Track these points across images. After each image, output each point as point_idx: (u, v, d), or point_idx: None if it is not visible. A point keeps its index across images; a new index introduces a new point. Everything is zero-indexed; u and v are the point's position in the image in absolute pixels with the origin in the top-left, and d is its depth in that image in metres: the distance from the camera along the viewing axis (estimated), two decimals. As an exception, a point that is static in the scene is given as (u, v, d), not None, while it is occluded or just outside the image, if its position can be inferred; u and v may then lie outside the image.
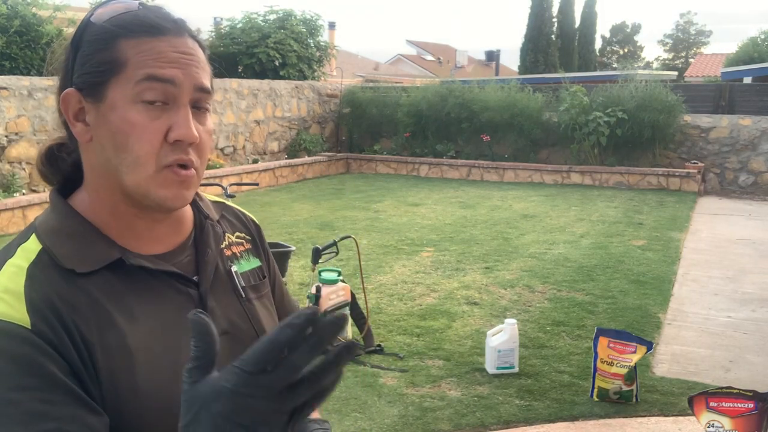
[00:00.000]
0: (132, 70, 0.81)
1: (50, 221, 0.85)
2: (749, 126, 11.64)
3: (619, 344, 3.65)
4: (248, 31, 14.53)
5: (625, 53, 50.47)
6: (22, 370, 0.73)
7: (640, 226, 8.36)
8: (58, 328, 0.77)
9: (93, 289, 0.81)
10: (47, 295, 0.78)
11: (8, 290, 0.77)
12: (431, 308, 5.09)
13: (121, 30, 0.82)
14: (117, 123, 0.81)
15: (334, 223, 8.35)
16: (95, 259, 0.83)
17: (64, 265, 0.81)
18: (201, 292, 0.90)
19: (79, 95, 0.83)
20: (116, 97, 0.81)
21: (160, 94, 0.81)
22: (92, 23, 0.84)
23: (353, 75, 24.26)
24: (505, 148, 12.85)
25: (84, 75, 0.83)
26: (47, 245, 0.82)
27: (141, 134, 0.81)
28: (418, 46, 40.55)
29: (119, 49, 0.81)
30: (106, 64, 0.82)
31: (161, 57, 0.81)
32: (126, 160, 0.81)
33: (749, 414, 2.69)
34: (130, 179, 0.82)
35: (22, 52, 10.28)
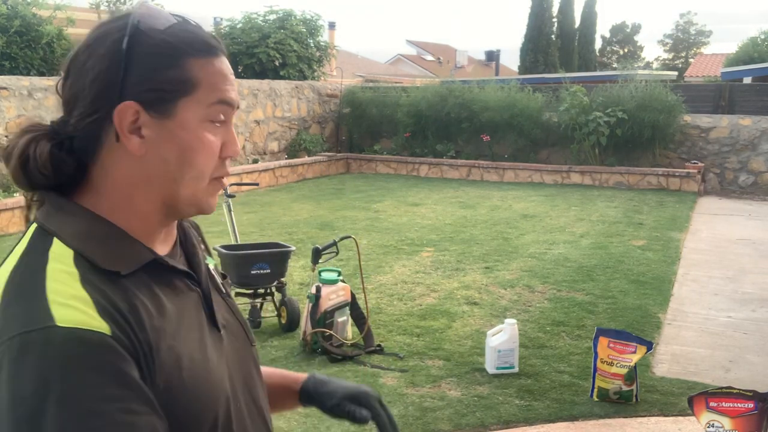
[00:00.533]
0: (205, 93, 0.84)
1: (72, 225, 0.82)
2: (749, 126, 11.64)
3: (619, 344, 3.65)
4: (248, 31, 14.53)
5: (625, 53, 50.46)
6: (107, 380, 0.73)
7: (640, 226, 8.36)
8: (128, 332, 0.77)
9: (134, 288, 0.81)
10: (110, 299, 0.77)
11: (73, 296, 0.75)
12: (431, 308, 5.10)
13: (187, 47, 0.84)
14: (189, 141, 0.84)
15: (334, 223, 8.35)
16: (133, 260, 0.83)
17: (107, 267, 0.80)
18: (204, 290, 0.93)
19: (138, 108, 0.82)
20: (188, 116, 0.84)
21: (225, 115, 0.87)
22: (146, 34, 0.82)
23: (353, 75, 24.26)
24: (505, 148, 12.85)
25: (151, 91, 0.82)
26: (81, 249, 0.80)
27: (208, 152, 0.86)
28: (418, 46, 40.54)
29: (188, 68, 0.84)
30: (179, 84, 0.83)
31: (225, 80, 0.87)
32: (190, 174, 0.85)
33: (749, 414, 2.69)
34: (187, 191, 0.86)
35: (22, 52, 10.28)
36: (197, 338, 0.87)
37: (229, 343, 0.94)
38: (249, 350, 0.99)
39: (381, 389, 3.73)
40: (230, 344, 0.94)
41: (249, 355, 0.99)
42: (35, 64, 10.48)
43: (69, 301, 0.75)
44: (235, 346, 0.95)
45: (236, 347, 0.95)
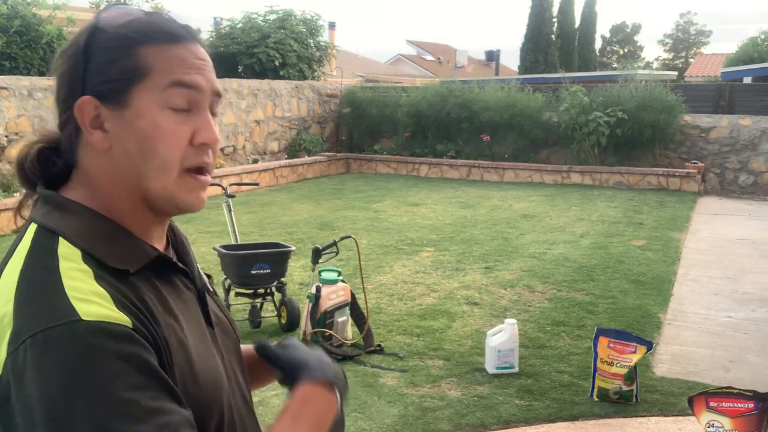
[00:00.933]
0: (158, 77, 0.82)
1: (76, 224, 0.83)
2: (749, 126, 11.64)
3: (619, 344, 3.65)
4: (248, 31, 14.53)
5: (625, 53, 50.47)
6: (134, 370, 0.74)
7: (640, 226, 8.36)
8: (148, 325, 0.78)
9: (142, 286, 0.82)
10: (125, 294, 0.79)
11: (92, 292, 0.76)
12: (431, 308, 5.09)
13: (140, 37, 0.83)
14: (146, 129, 0.82)
15: (334, 223, 8.35)
16: (139, 258, 0.84)
17: (116, 266, 0.81)
18: (199, 289, 0.94)
19: (96, 102, 0.83)
20: (143, 103, 0.82)
21: (185, 99, 0.83)
22: (103, 30, 0.84)
23: (353, 75, 24.26)
24: (505, 148, 12.85)
25: (104, 83, 0.83)
26: (87, 248, 0.81)
27: (170, 139, 0.83)
28: (418, 46, 40.54)
29: (141, 56, 0.82)
30: (130, 72, 0.82)
31: (185, 63, 0.84)
32: (154, 165, 0.83)
33: (749, 414, 2.69)
34: (156, 184, 0.84)
35: (22, 52, 10.28)
36: (199, 335, 0.88)
37: (221, 340, 0.96)
38: (237, 347, 1.02)
39: (381, 389, 3.73)
40: (222, 342, 0.96)
41: (235, 351, 1.01)
42: (35, 64, 10.48)
43: (89, 297, 0.75)
44: (225, 344, 0.97)
45: (226, 345, 0.97)
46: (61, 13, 11.09)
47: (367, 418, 3.41)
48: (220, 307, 1.01)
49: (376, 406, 3.54)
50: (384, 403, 3.57)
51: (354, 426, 3.33)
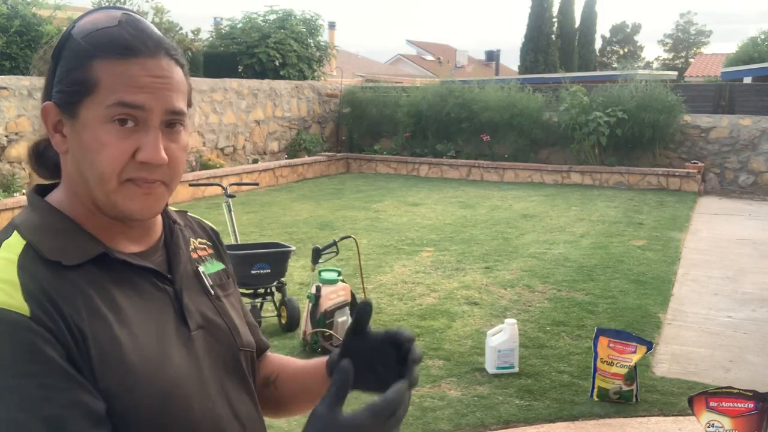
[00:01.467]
0: (104, 94, 0.83)
1: (32, 218, 0.88)
2: (749, 126, 11.64)
3: (619, 344, 3.65)
4: (248, 31, 14.53)
5: (625, 53, 50.46)
6: (23, 357, 0.75)
7: (640, 226, 8.36)
8: (54, 315, 0.78)
9: (80, 281, 0.83)
10: (41, 284, 0.80)
11: (3, 279, 0.79)
12: (431, 308, 5.09)
13: (95, 50, 0.84)
14: (88, 141, 0.84)
15: (334, 223, 8.35)
16: (80, 253, 0.85)
17: (50, 258, 0.83)
18: (176, 290, 0.93)
19: (56, 109, 0.87)
20: (88, 116, 0.84)
21: (129, 116, 0.84)
22: (72, 38, 0.86)
23: (353, 75, 24.26)
24: (505, 148, 12.85)
25: (60, 92, 0.86)
26: (31, 240, 0.84)
27: (108, 153, 0.84)
28: (418, 46, 40.54)
29: (92, 70, 0.84)
30: (80, 85, 0.84)
31: (132, 82, 0.83)
32: (93, 176, 0.85)
33: (749, 414, 2.69)
34: (97, 191, 0.86)
35: (22, 52, 10.28)
36: (153, 333, 0.86)
37: (206, 344, 0.93)
38: (234, 354, 0.97)
39: (381, 389, 3.73)
40: (206, 345, 0.93)
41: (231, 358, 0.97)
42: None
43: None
44: (214, 349, 0.94)
45: (215, 349, 0.94)
46: (61, 13, 11.09)
47: (367, 418, 3.40)
48: (220, 312, 0.98)
49: (376, 406, 3.53)
50: (384, 403, 3.57)
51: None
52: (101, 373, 0.80)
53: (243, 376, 0.99)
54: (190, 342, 0.91)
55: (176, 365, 0.87)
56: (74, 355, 0.78)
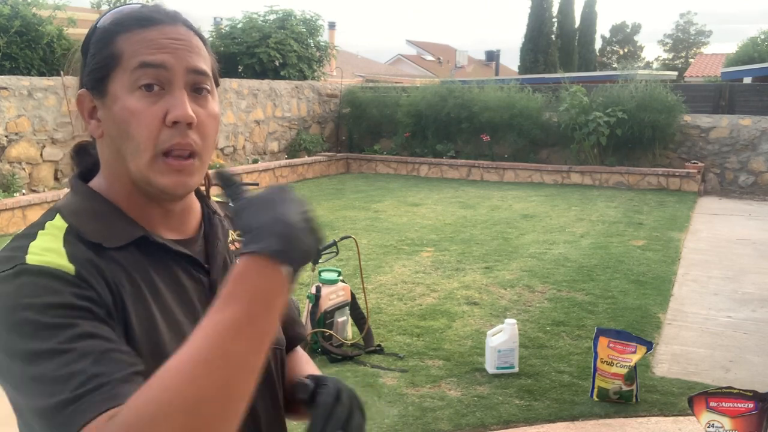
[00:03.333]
0: (127, 61, 0.85)
1: (75, 202, 0.90)
2: (749, 126, 11.64)
3: (619, 344, 3.65)
4: (248, 31, 14.53)
5: (625, 53, 50.47)
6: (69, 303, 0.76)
7: (640, 226, 8.36)
8: (100, 280, 0.80)
9: (122, 261, 0.85)
10: (86, 256, 0.82)
11: (49, 249, 0.81)
12: (431, 308, 5.09)
13: (117, 27, 0.88)
14: (119, 112, 0.86)
15: (334, 223, 8.35)
16: (121, 236, 0.87)
17: (91, 239, 0.85)
18: (212, 280, 0.94)
19: (89, 94, 0.89)
20: (116, 88, 0.86)
21: (153, 78, 0.85)
22: (98, 28, 0.90)
23: (353, 75, 24.26)
24: (505, 148, 12.85)
25: (89, 75, 0.89)
26: (73, 223, 0.86)
27: (140, 119, 0.84)
28: (418, 46, 40.54)
29: (116, 44, 0.87)
30: (106, 59, 0.87)
31: (152, 44, 0.86)
32: (129, 147, 0.86)
33: (749, 414, 2.69)
34: (132, 166, 0.87)
35: (22, 52, 10.27)
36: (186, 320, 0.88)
37: None
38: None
39: (381, 389, 3.73)
40: None
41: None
42: (35, 64, 10.47)
43: (43, 252, 0.80)
44: None
45: None
46: (61, 14, 11.09)
47: (367, 418, 3.40)
48: None
49: (376, 406, 3.54)
50: (384, 403, 3.57)
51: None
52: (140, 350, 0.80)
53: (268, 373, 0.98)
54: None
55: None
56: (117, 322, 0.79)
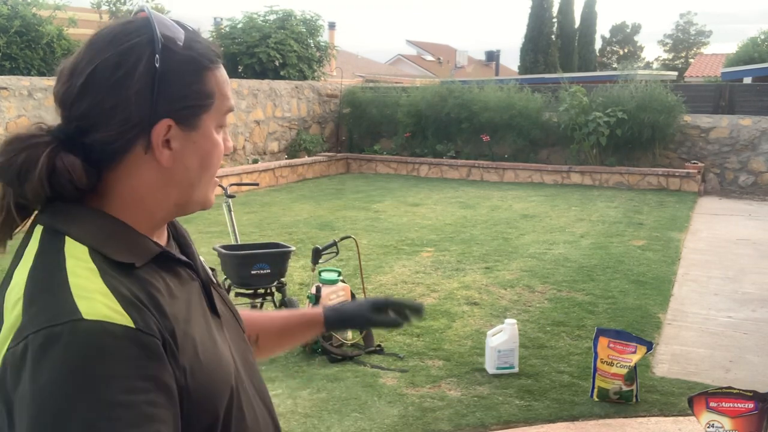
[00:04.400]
0: (219, 102, 0.90)
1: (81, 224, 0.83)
2: (749, 126, 11.64)
3: (619, 344, 3.65)
4: (248, 31, 14.53)
5: (625, 53, 50.46)
6: (133, 372, 0.74)
7: (640, 226, 8.36)
8: (153, 321, 0.79)
9: (150, 279, 0.84)
10: (131, 290, 0.79)
11: (96, 290, 0.77)
12: (431, 308, 5.09)
13: (205, 61, 0.89)
14: (208, 148, 0.90)
15: (334, 223, 8.35)
16: (144, 253, 0.86)
17: (121, 260, 0.82)
18: (203, 280, 0.96)
19: (171, 123, 0.85)
20: (208, 125, 0.90)
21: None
22: (170, 48, 0.84)
23: (353, 75, 24.26)
24: (505, 148, 12.85)
25: (183, 108, 0.86)
26: (93, 244, 0.81)
27: (220, 153, 0.93)
28: (418, 46, 40.54)
29: (208, 81, 0.88)
30: (204, 98, 0.88)
31: (229, 88, 0.93)
32: (206, 177, 0.92)
33: (749, 414, 2.69)
34: (201, 192, 0.92)
35: (22, 52, 10.28)
36: (204, 323, 0.90)
37: (227, 328, 0.98)
38: (241, 334, 1.04)
39: (381, 389, 3.73)
40: (228, 329, 0.98)
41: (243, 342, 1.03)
42: (35, 64, 10.48)
43: (93, 295, 0.76)
44: (232, 333, 0.99)
45: (233, 334, 0.99)
46: (61, 14, 11.09)
47: (367, 418, 3.41)
48: (224, 298, 1.03)
49: (376, 406, 3.54)
50: (384, 403, 3.57)
51: (354, 426, 3.33)
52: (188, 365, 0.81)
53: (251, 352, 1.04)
54: (221, 327, 0.95)
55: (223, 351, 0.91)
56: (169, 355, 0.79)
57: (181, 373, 0.80)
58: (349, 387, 3.75)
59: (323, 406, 3.53)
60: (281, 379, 3.86)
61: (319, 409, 3.49)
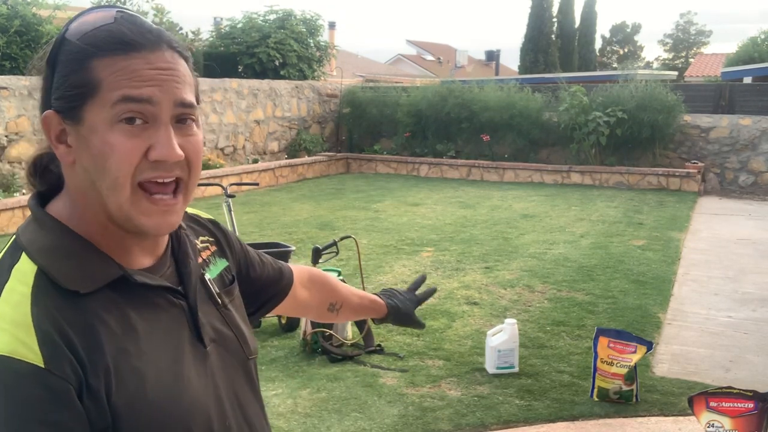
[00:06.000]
0: (107, 92, 0.78)
1: (42, 239, 0.82)
2: (749, 126, 11.63)
3: (619, 344, 3.64)
4: (248, 31, 14.53)
5: (625, 53, 50.45)
6: (31, 416, 0.70)
7: (640, 226, 8.36)
8: (72, 362, 0.74)
9: (98, 308, 0.79)
10: (57, 324, 0.75)
11: (16, 322, 0.74)
12: (431, 308, 5.09)
13: (92, 49, 0.79)
14: (97, 146, 0.79)
15: (334, 223, 8.35)
16: (97, 278, 0.81)
17: (67, 287, 0.78)
18: (190, 303, 0.90)
19: (58, 117, 0.81)
20: (94, 119, 0.79)
21: (137, 113, 0.79)
22: (67, 40, 0.81)
23: (353, 75, 24.26)
24: (505, 148, 12.85)
25: (61, 98, 0.80)
26: (44, 265, 0.79)
27: (120, 154, 0.78)
28: (418, 46, 40.54)
29: (92, 69, 0.79)
30: (81, 87, 0.79)
31: (136, 76, 0.79)
32: (106, 183, 0.79)
33: (749, 414, 2.69)
34: (111, 202, 0.80)
35: (22, 52, 10.27)
36: (171, 356, 0.84)
37: (219, 358, 0.91)
38: (243, 364, 0.97)
39: (381, 389, 3.73)
40: (219, 360, 0.91)
41: (241, 370, 0.96)
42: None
43: (9, 327, 0.73)
44: (226, 362, 0.93)
45: (227, 363, 0.93)
46: (61, 13, 11.09)
47: (367, 418, 3.41)
48: (228, 321, 0.96)
49: (376, 406, 3.54)
50: (384, 403, 3.57)
51: (354, 426, 3.33)
52: (126, 401, 0.77)
53: (253, 384, 0.98)
54: (206, 358, 0.89)
55: (194, 388, 0.85)
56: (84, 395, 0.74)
57: (105, 414, 0.75)
58: (349, 387, 3.75)
59: (323, 405, 3.53)
60: (281, 378, 3.86)
61: (319, 409, 3.49)
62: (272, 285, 1.18)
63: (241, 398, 0.94)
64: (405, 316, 1.54)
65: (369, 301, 1.46)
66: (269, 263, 1.19)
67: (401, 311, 1.53)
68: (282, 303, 1.22)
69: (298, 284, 1.25)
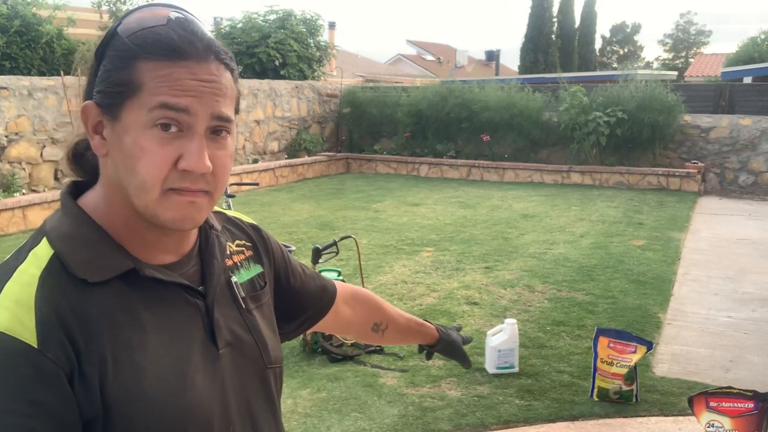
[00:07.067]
0: (147, 96, 0.79)
1: (63, 226, 0.84)
2: (749, 126, 11.63)
3: (619, 344, 3.64)
4: (248, 30, 14.53)
5: (625, 53, 50.46)
6: (15, 393, 0.71)
7: (640, 226, 8.36)
8: (66, 347, 0.75)
9: (106, 299, 0.80)
10: (59, 309, 0.76)
11: (19, 302, 0.75)
12: (431, 308, 5.09)
13: (139, 50, 0.80)
14: (129, 146, 0.80)
15: (334, 223, 8.35)
16: (109, 268, 0.82)
17: (77, 274, 0.79)
18: (207, 303, 0.90)
19: (98, 109, 0.83)
20: (130, 119, 0.80)
21: (174, 121, 0.80)
22: (118, 35, 0.82)
23: (353, 75, 24.26)
24: (505, 148, 12.85)
25: (102, 92, 0.82)
26: (60, 251, 0.81)
27: (150, 160, 0.79)
28: (418, 46, 40.53)
29: (136, 70, 0.79)
30: (123, 86, 0.80)
31: (177, 84, 0.79)
32: (134, 183, 0.81)
33: (749, 414, 2.69)
34: (138, 201, 0.82)
35: (22, 52, 10.28)
36: (177, 354, 0.84)
37: (232, 362, 0.91)
38: (260, 372, 0.95)
39: (381, 389, 3.73)
40: (233, 364, 0.91)
41: (257, 377, 0.95)
42: (35, 64, 10.48)
43: (12, 306, 0.75)
44: (241, 367, 0.92)
45: (241, 368, 0.92)
46: (61, 13, 11.09)
47: (367, 418, 3.41)
48: (250, 326, 0.95)
49: (376, 406, 3.54)
50: (384, 403, 3.57)
51: (354, 426, 3.33)
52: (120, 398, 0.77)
53: (269, 394, 0.97)
54: (217, 361, 0.88)
55: (199, 388, 0.84)
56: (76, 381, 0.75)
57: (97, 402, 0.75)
58: (349, 387, 3.75)
59: (323, 405, 3.53)
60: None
61: (319, 409, 3.49)
62: (314, 299, 1.17)
63: (253, 406, 0.92)
64: (456, 345, 1.46)
65: (417, 324, 1.40)
66: (312, 276, 1.19)
67: (453, 340, 1.45)
68: (323, 319, 1.21)
69: (340, 300, 1.24)
